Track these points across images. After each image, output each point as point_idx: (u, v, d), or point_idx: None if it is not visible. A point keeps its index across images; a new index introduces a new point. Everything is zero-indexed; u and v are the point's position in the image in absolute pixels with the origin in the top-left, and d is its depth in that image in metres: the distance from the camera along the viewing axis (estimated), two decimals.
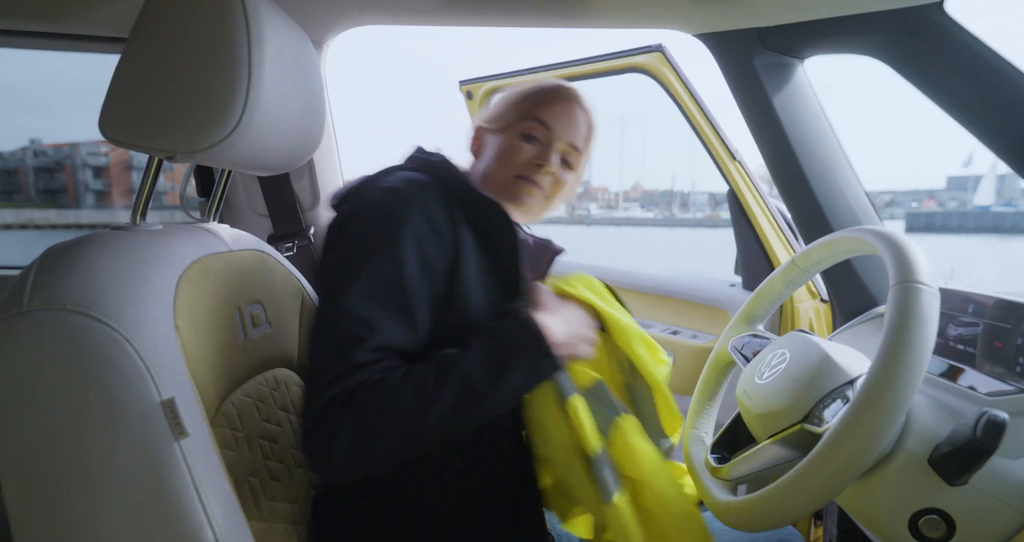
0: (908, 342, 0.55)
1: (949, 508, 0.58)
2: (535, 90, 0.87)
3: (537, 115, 0.84)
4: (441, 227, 0.71)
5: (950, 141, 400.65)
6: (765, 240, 1.36)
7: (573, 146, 0.86)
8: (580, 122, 0.86)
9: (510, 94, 0.89)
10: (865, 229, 0.69)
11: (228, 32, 0.61)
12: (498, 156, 0.84)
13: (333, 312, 0.65)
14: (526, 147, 0.83)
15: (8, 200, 40.99)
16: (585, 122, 0.87)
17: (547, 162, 0.83)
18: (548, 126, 0.83)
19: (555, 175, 0.85)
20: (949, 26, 0.93)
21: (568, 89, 0.87)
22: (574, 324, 0.75)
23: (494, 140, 0.86)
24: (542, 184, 0.84)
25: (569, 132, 0.85)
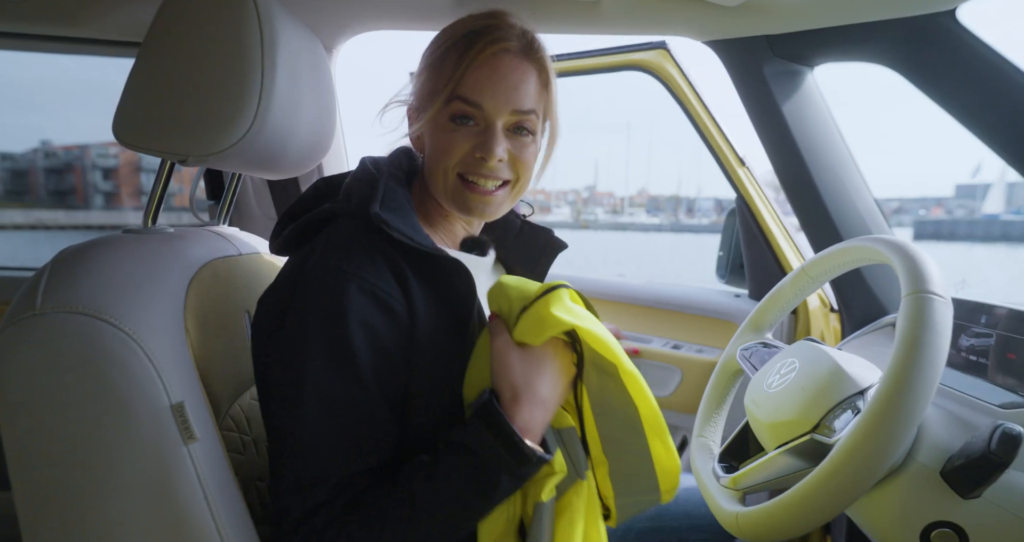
0: (921, 353, 0.54)
1: (962, 521, 0.57)
2: (445, 52, 0.66)
3: (458, 93, 0.64)
4: (389, 300, 0.61)
5: (959, 149, 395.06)
6: (777, 247, 1.33)
7: (520, 110, 0.66)
8: (520, 77, 0.66)
9: (423, 61, 0.70)
10: (877, 238, 0.69)
11: (242, 37, 0.61)
12: (432, 153, 0.68)
13: (290, 430, 0.58)
14: (458, 137, 0.66)
15: (19, 201, 41.34)
16: (529, 72, 0.67)
17: (490, 154, 0.65)
18: (475, 103, 0.64)
19: (510, 157, 0.67)
20: (961, 34, 0.93)
21: (487, 34, 0.65)
22: (550, 380, 0.63)
23: (424, 129, 0.69)
24: (490, 185, 0.67)
25: (508, 98, 0.65)
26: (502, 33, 0.66)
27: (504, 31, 0.66)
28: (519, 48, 0.66)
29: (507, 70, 0.65)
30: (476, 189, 0.67)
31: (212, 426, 0.60)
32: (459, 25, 0.68)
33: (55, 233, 32.90)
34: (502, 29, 0.66)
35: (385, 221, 0.63)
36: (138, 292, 0.59)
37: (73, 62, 11.23)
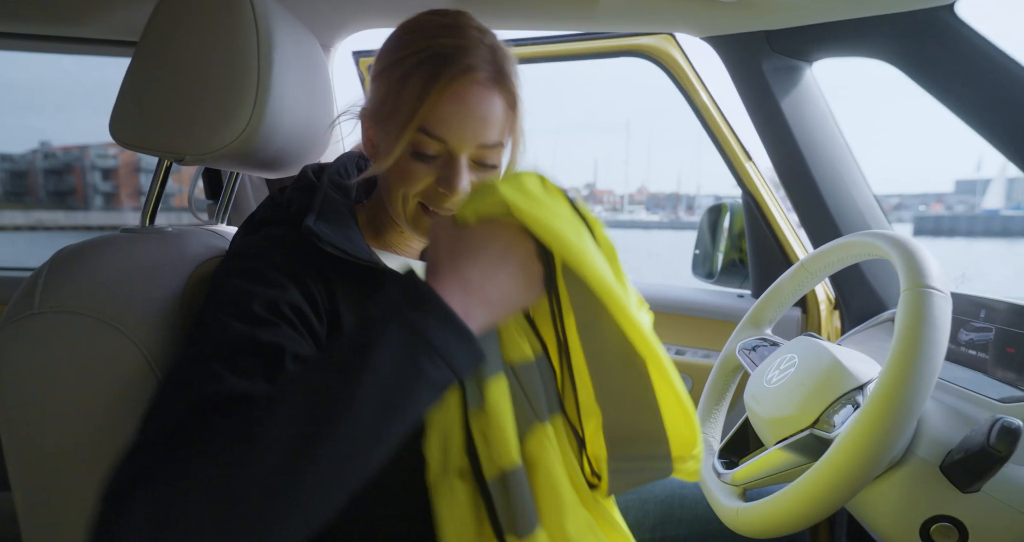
0: (920, 347, 0.54)
1: (961, 515, 0.57)
2: (407, 74, 0.60)
3: (424, 126, 0.60)
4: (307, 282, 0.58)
5: (959, 145, 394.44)
6: (787, 244, 1.27)
7: (486, 145, 0.62)
8: (488, 109, 0.61)
9: (381, 66, 0.64)
10: (876, 233, 0.69)
11: (238, 35, 0.61)
12: (390, 178, 0.64)
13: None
14: (421, 169, 0.62)
15: (18, 202, 41.34)
16: (496, 101, 0.62)
17: (453, 191, 0.61)
18: (440, 138, 0.60)
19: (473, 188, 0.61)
20: (959, 28, 0.93)
21: (455, 62, 0.59)
22: (487, 265, 0.49)
23: (383, 144, 0.64)
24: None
25: (475, 132, 0.61)
26: (471, 60, 0.60)
27: (473, 57, 0.60)
28: (488, 78, 0.61)
29: (475, 103, 0.60)
30: (435, 216, 0.64)
31: None
32: (421, 38, 0.62)
33: (55, 234, 32.89)
34: (470, 53, 0.60)
35: (316, 234, 0.59)
36: (136, 291, 0.59)
37: (72, 63, 11.18)
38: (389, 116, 0.62)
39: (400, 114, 0.61)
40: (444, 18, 0.64)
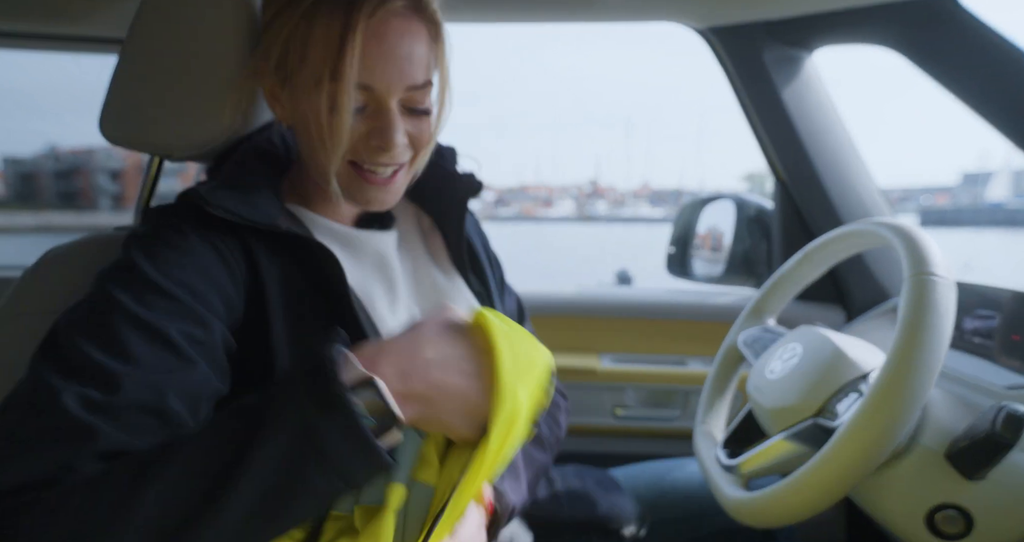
0: (924, 334, 0.54)
1: (967, 503, 0.57)
2: (312, 9, 0.52)
3: (354, 77, 0.52)
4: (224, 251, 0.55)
5: (964, 137, 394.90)
6: None
7: (414, 86, 0.55)
8: (411, 43, 0.54)
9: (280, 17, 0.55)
10: (878, 221, 0.68)
11: (224, 29, 0.61)
12: (311, 139, 0.56)
13: None
14: (347, 124, 0.54)
15: (27, 204, 41.61)
16: (419, 32, 0.55)
17: (390, 143, 0.55)
18: (369, 86, 0.53)
19: (408, 138, 0.58)
20: (962, 15, 0.92)
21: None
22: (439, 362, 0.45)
23: (295, 102, 0.56)
24: (388, 172, 0.58)
25: (401, 73, 0.54)
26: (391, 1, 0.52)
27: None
28: (406, 6, 0.54)
29: (396, 38, 0.53)
30: (374, 179, 0.58)
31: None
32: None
33: (63, 235, 33.02)
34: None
35: (203, 196, 0.54)
36: None
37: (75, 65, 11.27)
38: (297, 66, 0.54)
39: (310, 64, 0.53)
40: None
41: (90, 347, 0.45)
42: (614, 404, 1.23)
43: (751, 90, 1.13)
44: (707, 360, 1.27)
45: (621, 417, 1.23)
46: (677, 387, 1.22)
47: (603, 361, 1.25)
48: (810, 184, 1.13)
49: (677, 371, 1.24)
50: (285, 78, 0.56)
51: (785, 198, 1.19)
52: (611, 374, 1.22)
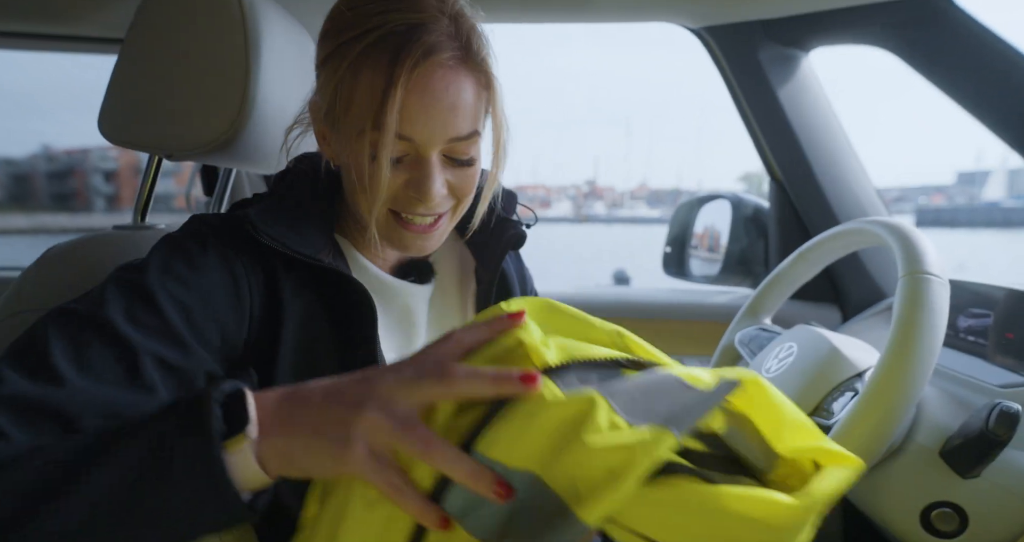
0: (918, 333, 0.54)
1: (961, 501, 0.57)
2: (359, 59, 0.52)
3: (393, 128, 0.51)
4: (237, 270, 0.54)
5: (959, 137, 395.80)
6: None
7: (458, 138, 0.55)
8: (457, 94, 0.53)
9: (329, 63, 0.54)
10: (874, 220, 0.69)
11: (225, 29, 0.61)
12: (354, 185, 0.56)
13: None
14: (386, 174, 0.54)
15: (21, 205, 41.46)
16: (466, 82, 0.54)
17: (427, 196, 0.55)
18: (405, 137, 0.53)
19: (449, 188, 0.57)
20: (956, 15, 0.92)
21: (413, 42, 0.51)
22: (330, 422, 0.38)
23: (340, 145, 0.56)
24: (428, 220, 0.58)
25: (444, 125, 0.53)
26: (432, 38, 0.51)
27: (433, 33, 0.52)
28: (454, 56, 0.53)
29: (441, 90, 0.52)
30: (412, 227, 0.58)
31: None
32: (367, 15, 0.52)
33: (57, 237, 32.91)
34: (429, 29, 0.52)
35: (251, 222, 0.53)
36: None
37: (71, 65, 11.06)
38: (343, 114, 0.54)
39: (354, 113, 0.53)
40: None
41: (56, 345, 0.45)
42: None
43: (747, 90, 1.13)
44: (704, 360, 1.27)
45: None
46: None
47: None
48: (806, 183, 1.13)
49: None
50: (333, 123, 0.56)
51: (781, 197, 1.19)
52: None
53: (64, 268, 0.58)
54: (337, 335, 0.57)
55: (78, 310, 0.47)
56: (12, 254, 23.85)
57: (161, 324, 0.48)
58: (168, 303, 0.49)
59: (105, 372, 0.45)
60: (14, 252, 21.64)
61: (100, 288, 0.50)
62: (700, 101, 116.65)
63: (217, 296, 0.52)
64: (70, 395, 0.43)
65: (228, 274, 0.53)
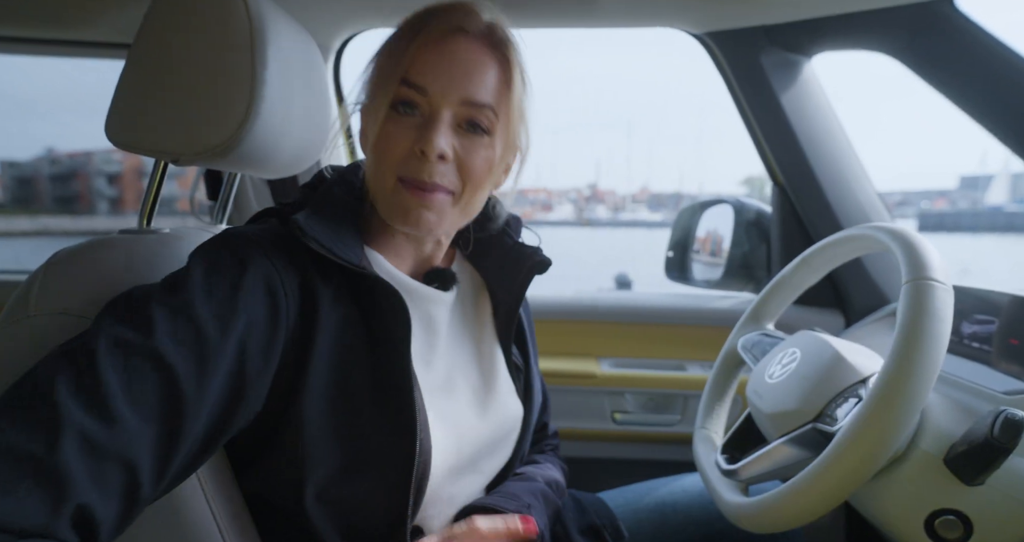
0: (922, 339, 0.54)
1: (966, 508, 0.57)
2: (395, 36, 0.59)
3: (406, 76, 0.55)
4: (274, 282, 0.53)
5: (962, 141, 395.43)
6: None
7: (472, 102, 0.56)
8: (476, 64, 0.56)
9: (380, 46, 0.61)
10: (876, 226, 0.69)
11: (232, 34, 0.61)
12: (371, 154, 0.59)
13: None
14: (397, 131, 0.56)
15: (24, 208, 41.63)
16: (488, 62, 0.57)
17: (429, 145, 0.55)
18: (419, 86, 0.55)
19: (456, 157, 0.57)
20: (959, 21, 0.92)
21: (444, 15, 0.57)
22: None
23: (369, 124, 0.60)
24: (431, 187, 0.57)
25: (457, 83, 0.55)
26: (462, 17, 0.57)
27: (466, 16, 0.58)
28: (479, 33, 0.58)
29: (461, 53, 0.56)
30: (414, 191, 0.57)
31: None
32: (416, 13, 0.60)
33: (61, 240, 33.09)
34: (464, 14, 0.58)
35: (300, 227, 0.55)
36: None
37: (75, 68, 11.15)
38: (374, 86, 0.59)
39: (382, 75, 0.57)
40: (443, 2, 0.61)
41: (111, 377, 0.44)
42: (613, 409, 1.22)
43: (749, 95, 1.13)
44: (707, 365, 1.27)
45: (620, 422, 1.22)
46: (677, 392, 1.21)
47: (602, 366, 1.25)
48: (809, 188, 1.13)
49: (677, 376, 1.23)
50: (367, 104, 0.60)
51: (784, 202, 1.19)
52: (610, 379, 1.22)
53: (71, 272, 0.58)
54: (371, 341, 0.58)
55: (132, 341, 0.46)
56: (15, 257, 23.97)
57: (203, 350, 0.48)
58: (212, 326, 0.49)
59: (154, 408, 0.45)
60: (17, 255, 21.73)
61: (144, 305, 0.48)
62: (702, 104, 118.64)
63: (258, 315, 0.52)
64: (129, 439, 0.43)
65: (267, 294, 0.53)
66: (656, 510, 0.86)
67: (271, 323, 0.53)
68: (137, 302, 0.49)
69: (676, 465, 0.91)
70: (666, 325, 1.29)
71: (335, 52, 1.25)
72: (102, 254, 0.61)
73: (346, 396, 0.56)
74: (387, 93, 0.56)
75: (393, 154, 0.57)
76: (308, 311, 0.55)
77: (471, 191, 0.59)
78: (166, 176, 0.73)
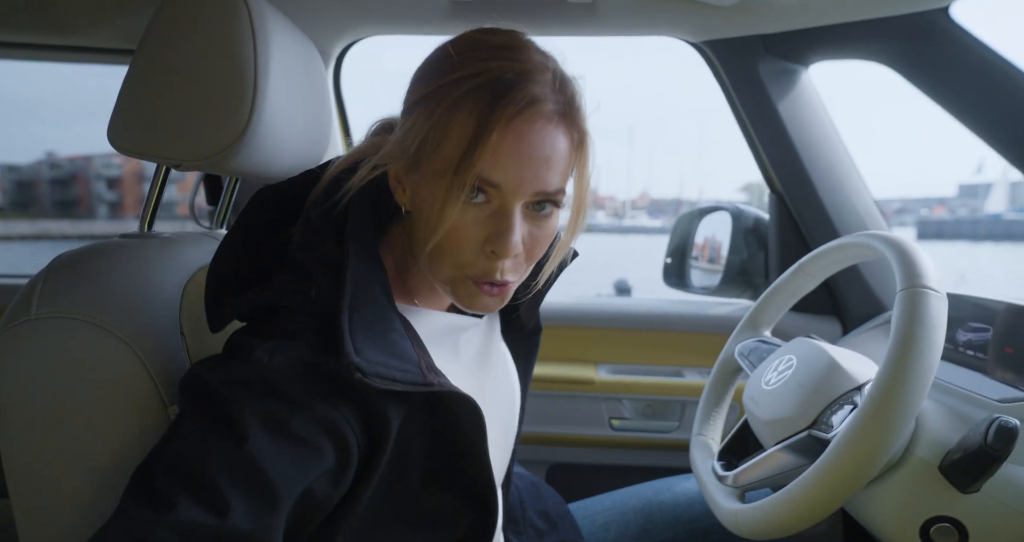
0: (916, 347, 0.54)
1: (961, 516, 0.57)
2: (458, 101, 0.50)
3: (480, 174, 0.50)
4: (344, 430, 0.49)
5: (961, 148, 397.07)
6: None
7: (545, 193, 0.52)
8: (552, 149, 0.51)
9: (423, 103, 0.52)
10: (872, 234, 0.69)
11: (234, 41, 0.62)
12: (429, 233, 0.52)
13: None
14: (466, 223, 0.52)
15: (24, 212, 41.64)
16: (562, 139, 0.52)
17: (504, 250, 0.51)
18: (496, 184, 0.50)
19: (525, 241, 0.54)
20: (955, 31, 0.93)
21: (518, 90, 0.49)
22: None
23: (418, 189, 0.54)
24: (503, 283, 0.54)
25: (534, 177, 0.51)
26: (536, 89, 0.50)
27: (538, 84, 0.50)
28: (555, 110, 0.51)
29: (538, 142, 0.50)
30: (483, 289, 0.54)
31: None
32: (472, 61, 0.51)
33: (60, 244, 33.10)
34: (535, 81, 0.50)
35: (361, 370, 0.48)
36: (133, 297, 0.59)
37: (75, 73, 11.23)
38: (431, 158, 0.51)
39: (443, 154, 0.50)
40: (497, 37, 0.53)
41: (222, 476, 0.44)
42: (611, 415, 1.23)
43: (747, 104, 1.14)
44: (704, 371, 1.27)
45: (618, 428, 1.22)
46: (674, 398, 1.22)
47: (600, 372, 1.25)
48: (806, 196, 1.14)
49: (674, 382, 1.23)
50: (415, 166, 0.53)
51: (781, 210, 1.20)
52: (608, 385, 1.22)
53: (73, 276, 0.58)
54: (442, 448, 0.55)
55: (205, 523, 0.43)
56: (15, 261, 23.92)
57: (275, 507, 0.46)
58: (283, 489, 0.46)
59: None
60: (17, 259, 21.68)
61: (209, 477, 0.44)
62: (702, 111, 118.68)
63: (328, 464, 0.49)
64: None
65: (333, 441, 0.49)
66: (643, 510, 0.86)
67: (341, 466, 0.50)
68: (201, 478, 0.45)
69: (673, 471, 0.91)
70: (664, 331, 1.29)
71: (336, 58, 1.26)
72: (104, 258, 0.62)
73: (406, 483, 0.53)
74: (457, 186, 0.50)
75: (462, 250, 0.52)
76: (377, 438, 0.51)
77: (533, 260, 0.57)
78: (167, 181, 0.74)
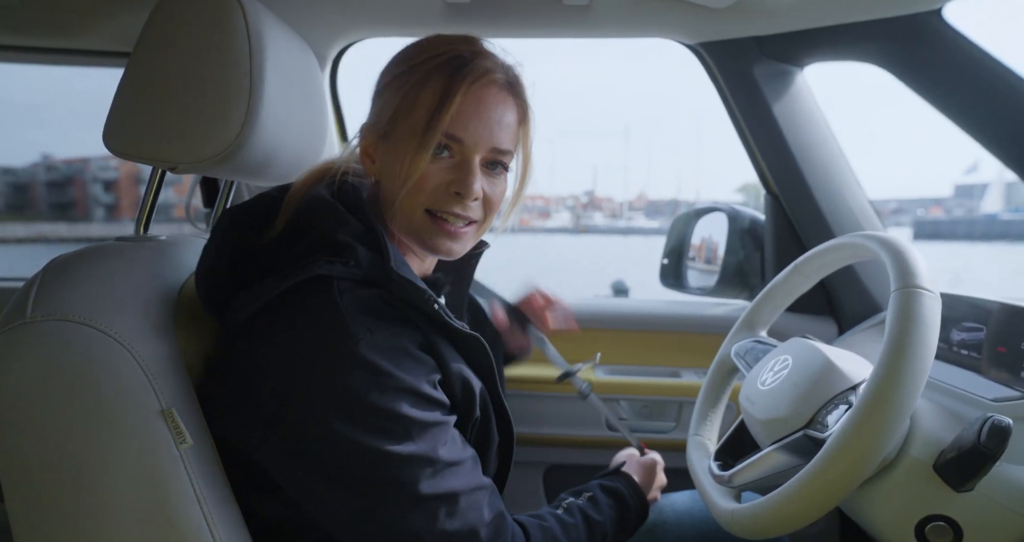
0: (909, 347, 0.55)
1: (956, 515, 0.58)
2: (426, 76, 0.62)
3: (446, 131, 0.61)
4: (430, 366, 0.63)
5: (957, 149, 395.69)
6: None
7: (499, 149, 0.65)
8: (503, 112, 0.64)
9: (387, 79, 0.66)
10: (866, 234, 0.69)
11: (230, 44, 0.62)
12: (396, 184, 0.63)
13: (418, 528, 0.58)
14: (432, 170, 0.62)
15: (20, 215, 41.51)
16: (510, 107, 0.65)
17: (468, 191, 0.63)
18: (457, 138, 0.62)
19: (483, 195, 0.65)
20: (948, 33, 0.94)
21: (475, 63, 0.62)
22: (653, 477, 0.84)
23: (388, 154, 0.64)
24: (460, 223, 0.65)
25: (490, 134, 0.63)
26: (488, 64, 0.64)
27: (490, 59, 0.64)
28: (505, 82, 0.65)
29: (493, 103, 0.63)
30: (446, 227, 0.64)
31: (205, 431, 0.60)
32: (435, 46, 0.64)
33: (56, 246, 32.99)
34: (488, 59, 0.64)
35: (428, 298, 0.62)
36: (129, 299, 0.59)
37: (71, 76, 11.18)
38: (403, 122, 0.63)
39: (413, 120, 0.62)
40: (455, 35, 0.66)
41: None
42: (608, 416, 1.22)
43: (742, 104, 1.15)
44: (701, 372, 1.27)
45: (615, 429, 1.22)
46: (671, 399, 1.22)
47: (598, 372, 1.26)
48: (801, 197, 1.14)
49: (671, 382, 1.24)
50: (386, 135, 0.64)
51: (777, 211, 1.20)
52: (606, 385, 1.22)
53: (69, 279, 0.58)
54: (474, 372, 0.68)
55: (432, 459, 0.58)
56: (10, 264, 23.84)
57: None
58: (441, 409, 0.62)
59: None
60: (13, 262, 21.61)
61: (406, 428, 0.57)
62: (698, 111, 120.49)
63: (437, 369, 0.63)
64: None
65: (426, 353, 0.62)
66: (646, 530, 0.86)
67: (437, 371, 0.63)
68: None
69: (670, 472, 0.91)
70: (661, 332, 1.30)
71: (332, 61, 1.26)
72: (100, 261, 0.62)
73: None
74: (427, 142, 0.61)
75: (426, 191, 0.63)
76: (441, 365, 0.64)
77: (490, 220, 0.69)
78: (163, 184, 0.74)
